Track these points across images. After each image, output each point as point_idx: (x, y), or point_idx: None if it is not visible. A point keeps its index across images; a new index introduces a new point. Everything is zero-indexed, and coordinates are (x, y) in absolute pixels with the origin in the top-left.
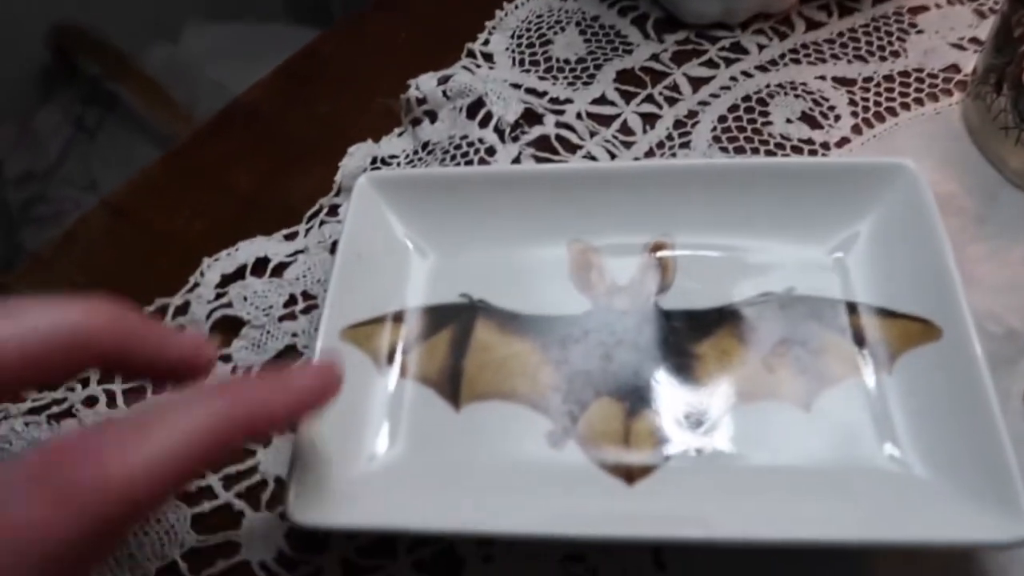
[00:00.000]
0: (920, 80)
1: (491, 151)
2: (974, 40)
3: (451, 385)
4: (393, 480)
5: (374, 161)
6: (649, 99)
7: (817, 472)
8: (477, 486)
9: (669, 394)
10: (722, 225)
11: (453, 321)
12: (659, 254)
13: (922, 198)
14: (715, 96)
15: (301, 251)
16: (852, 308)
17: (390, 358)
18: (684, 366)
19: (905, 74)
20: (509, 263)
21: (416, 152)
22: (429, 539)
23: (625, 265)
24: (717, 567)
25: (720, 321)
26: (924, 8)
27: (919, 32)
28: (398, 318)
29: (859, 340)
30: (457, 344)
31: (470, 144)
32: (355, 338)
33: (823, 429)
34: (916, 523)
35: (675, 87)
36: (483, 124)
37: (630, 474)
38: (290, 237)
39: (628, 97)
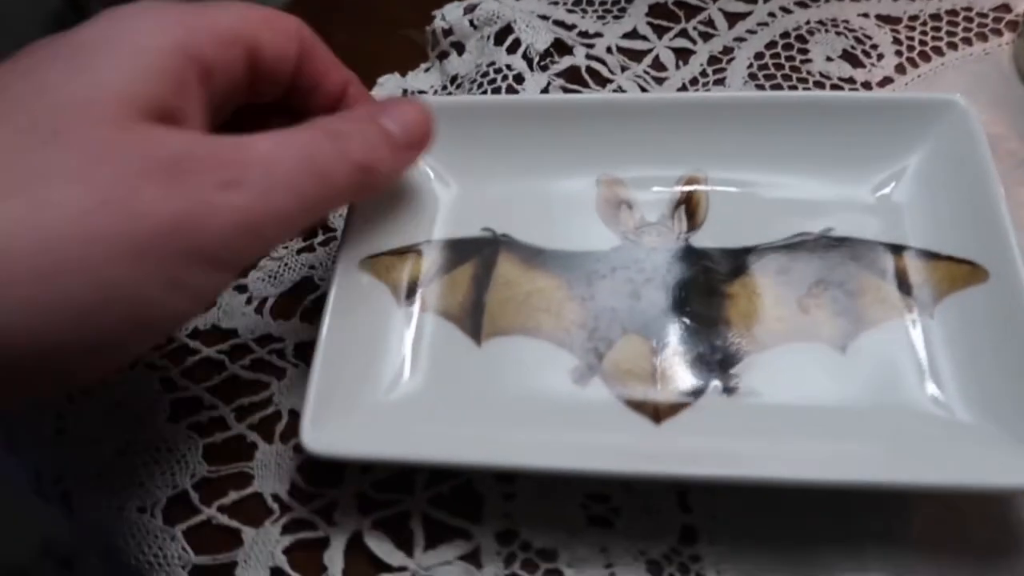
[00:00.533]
0: (969, 19)
1: (519, 79)
2: None
3: (472, 320)
4: (411, 413)
5: (404, 94)
6: (682, 34)
7: (852, 413)
8: (498, 420)
9: (699, 333)
10: (758, 161)
11: (475, 255)
12: (691, 189)
13: (973, 136)
14: (752, 32)
15: None
16: (893, 249)
17: (411, 291)
18: (715, 305)
19: (953, 12)
20: (535, 196)
21: (445, 87)
22: (447, 474)
23: (656, 201)
24: (745, 510)
25: (753, 261)
26: None
27: None
28: (419, 250)
29: (900, 282)
30: (479, 279)
31: (497, 71)
32: (374, 269)
33: (860, 371)
34: (954, 466)
35: (710, 22)
36: (511, 51)
37: (657, 412)
38: None
39: (660, 32)
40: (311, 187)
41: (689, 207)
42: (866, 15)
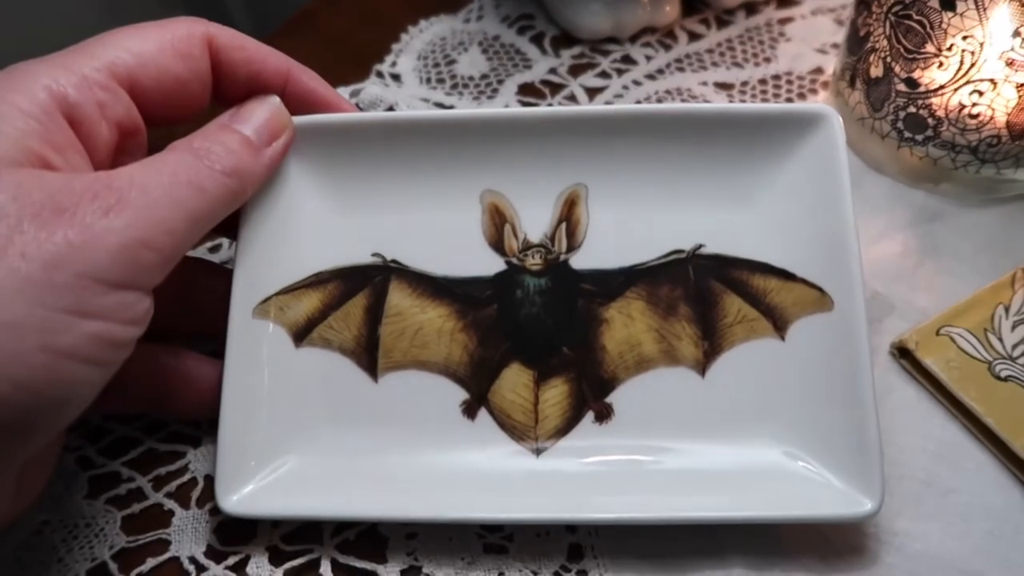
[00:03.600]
0: (790, 81)
1: None
2: (834, 45)
3: (368, 355)
4: (319, 461)
5: None
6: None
7: (704, 450)
8: (395, 468)
9: (576, 362)
10: (636, 176)
11: (367, 285)
12: (571, 210)
13: (837, 151)
14: (609, 103)
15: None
16: (755, 267)
17: (308, 328)
18: (592, 332)
19: (777, 77)
20: (421, 218)
21: None
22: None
23: (539, 219)
24: (622, 527)
25: (628, 283)
26: (791, 19)
27: (787, 40)
28: (310, 284)
29: (759, 302)
30: (372, 310)
31: None
32: (269, 312)
33: (715, 397)
34: (785, 499)
35: (572, 97)
36: None
37: (537, 443)
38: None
39: (530, 107)
40: (188, 198)
41: (569, 226)
42: (705, 83)
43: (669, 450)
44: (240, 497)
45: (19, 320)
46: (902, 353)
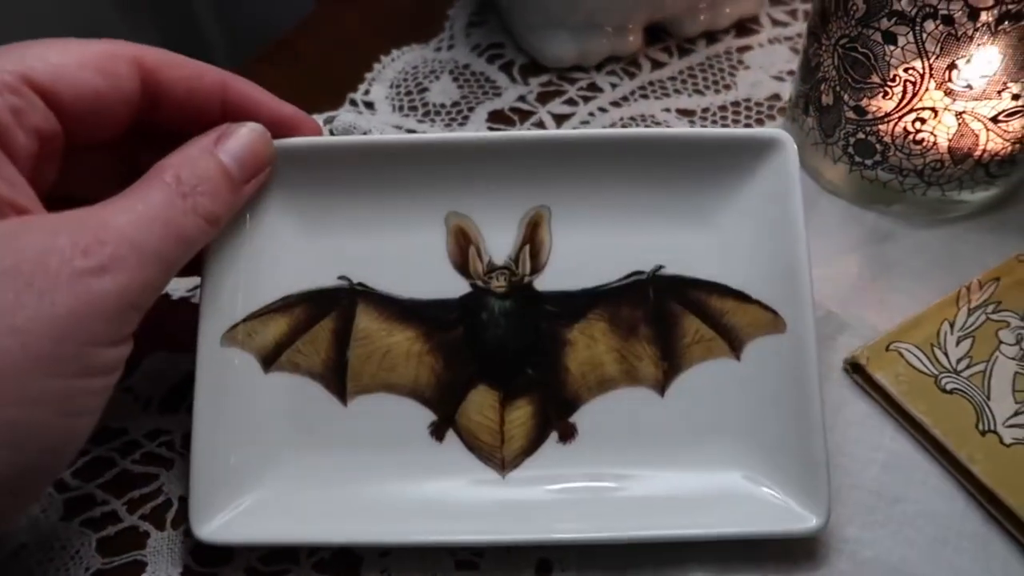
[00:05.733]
0: (748, 108)
1: None
2: (790, 73)
3: (337, 379)
4: (291, 485)
5: None
6: None
7: (663, 469)
8: (366, 492)
9: (541, 382)
10: (598, 198)
11: (334, 308)
12: (535, 232)
13: (790, 176)
14: (575, 129)
15: None
16: (712, 288)
17: (277, 353)
18: (556, 353)
19: (736, 104)
20: (387, 240)
21: None
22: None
23: (504, 241)
24: (590, 547)
25: (590, 305)
26: (749, 48)
27: (746, 68)
28: (277, 308)
29: (716, 323)
30: (340, 334)
31: None
32: (237, 339)
33: (673, 416)
34: (737, 517)
35: (541, 123)
36: None
37: (503, 464)
38: None
39: None
40: (175, 253)
41: (533, 248)
42: (668, 110)
43: (631, 467)
44: (215, 525)
45: (37, 396)
46: (854, 368)
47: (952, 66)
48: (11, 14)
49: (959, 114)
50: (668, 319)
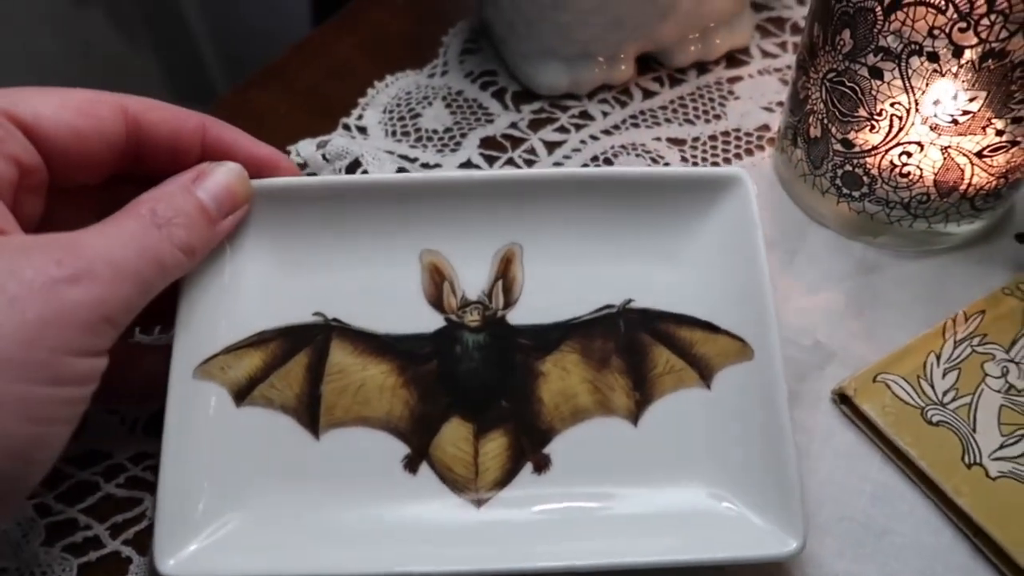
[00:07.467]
0: (738, 138)
1: None
2: (780, 103)
3: (309, 413)
4: (261, 520)
5: None
6: (510, 162)
7: (639, 498)
8: (338, 523)
9: (515, 414)
10: (568, 235)
11: (308, 344)
12: (507, 268)
13: (750, 211)
14: (567, 157)
15: None
16: (681, 320)
17: (250, 387)
18: (529, 385)
19: (726, 134)
20: (362, 277)
21: None
22: None
23: (477, 277)
24: None
25: (563, 337)
26: (739, 78)
27: (736, 98)
28: (252, 343)
29: (685, 353)
30: (313, 368)
31: None
32: (210, 373)
33: (647, 445)
34: (712, 541)
35: (532, 150)
36: None
37: (478, 496)
38: None
39: (491, 160)
40: (149, 273)
41: (506, 283)
42: (659, 139)
43: (605, 497)
44: (178, 560)
45: (4, 400)
46: (842, 399)
47: (937, 102)
48: (16, 49)
49: (944, 148)
50: (639, 350)
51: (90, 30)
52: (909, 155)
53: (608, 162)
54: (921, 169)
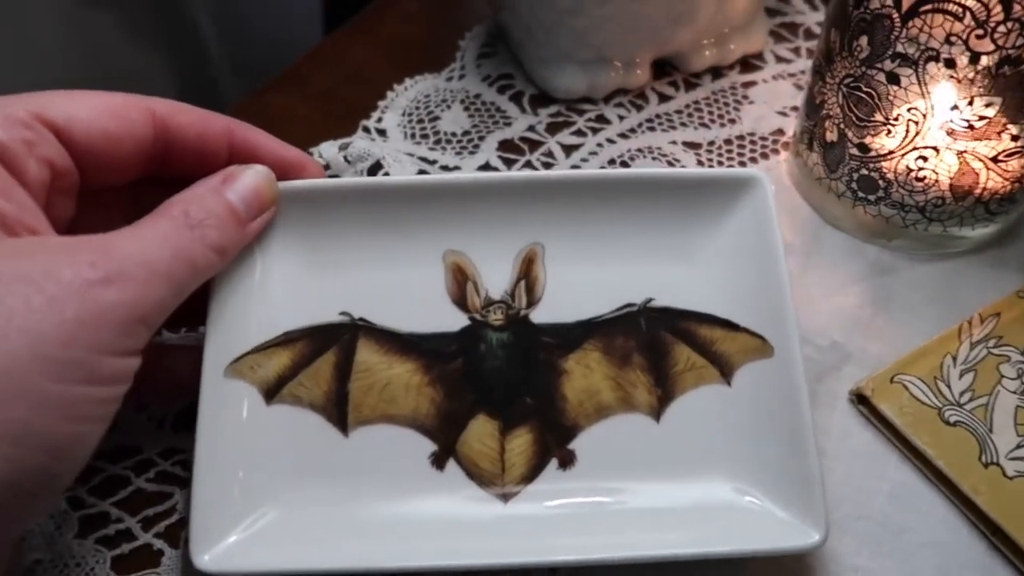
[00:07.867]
0: (753, 142)
1: None
2: (794, 108)
3: (338, 410)
4: (293, 516)
5: None
6: (527, 164)
7: (662, 491)
8: (367, 519)
9: (539, 411)
10: (589, 235)
11: (335, 343)
12: (529, 268)
13: (768, 212)
14: (584, 160)
15: None
16: (702, 318)
17: (279, 386)
18: (553, 382)
19: (741, 137)
20: (387, 277)
21: None
22: None
23: (500, 277)
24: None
25: (585, 336)
26: (754, 83)
27: (751, 103)
28: (280, 343)
29: (706, 350)
30: (341, 367)
31: None
32: (240, 372)
33: (670, 440)
34: (735, 535)
35: (550, 153)
36: None
37: (504, 492)
38: None
39: (509, 163)
40: (183, 274)
41: (528, 282)
42: (675, 142)
43: (629, 491)
44: (213, 555)
45: (42, 398)
46: (860, 399)
47: (954, 107)
48: (28, 55)
49: (960, 153)
50: (660, 348)
51: (103, 43)
52: (925, 159)
53: (625, 165)
54: (937, 173)
